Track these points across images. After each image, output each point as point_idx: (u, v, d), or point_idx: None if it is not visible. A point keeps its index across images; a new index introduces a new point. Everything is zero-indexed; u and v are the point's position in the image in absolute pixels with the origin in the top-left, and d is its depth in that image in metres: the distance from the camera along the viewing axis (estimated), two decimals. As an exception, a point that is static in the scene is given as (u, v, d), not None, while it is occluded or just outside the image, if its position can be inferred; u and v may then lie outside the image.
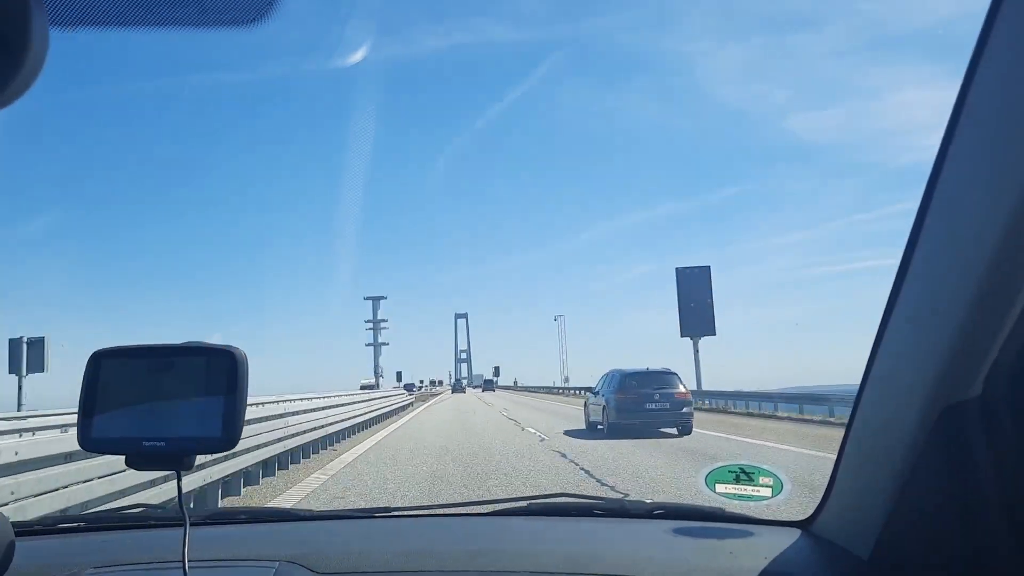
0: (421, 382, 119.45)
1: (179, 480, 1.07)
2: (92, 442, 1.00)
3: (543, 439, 16.61)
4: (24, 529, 1.63)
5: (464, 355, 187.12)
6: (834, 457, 1.37)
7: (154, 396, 1.01)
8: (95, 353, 1.03)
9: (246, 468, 9.64)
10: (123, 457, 1.01)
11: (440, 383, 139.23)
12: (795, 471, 8.10)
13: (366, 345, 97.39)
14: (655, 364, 18.09)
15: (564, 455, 12.84)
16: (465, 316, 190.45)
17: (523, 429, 20.11)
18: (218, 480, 8.45)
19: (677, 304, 43.93)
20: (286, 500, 8.86)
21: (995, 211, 0.89)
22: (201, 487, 7.87)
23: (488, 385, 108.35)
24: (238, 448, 6.65)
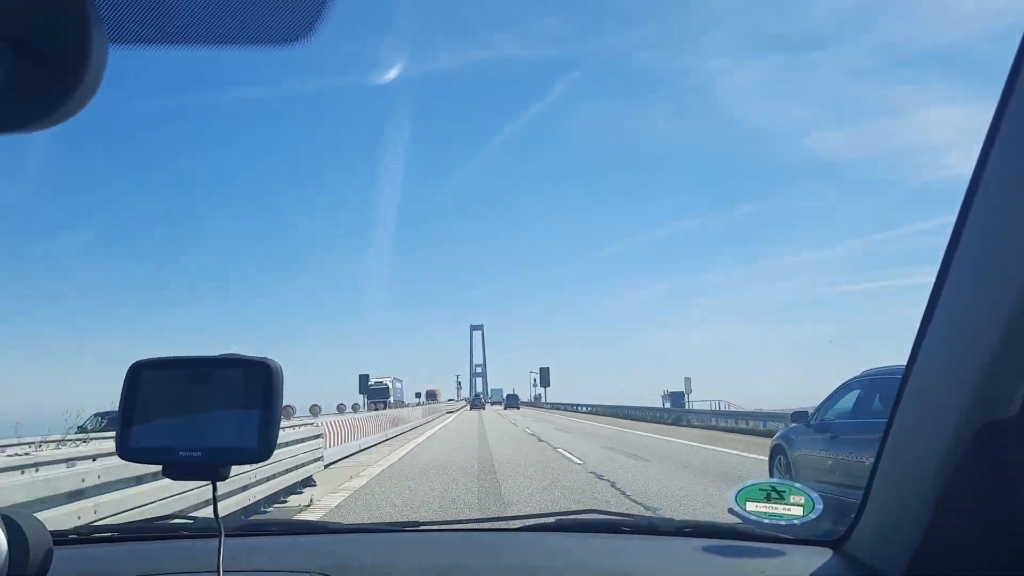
0: (417, 395, 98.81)
1: (214, 491, 1.08)
2: (130, 452, 1.02)
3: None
4: (61, 538, 1.65)
5: (479, 369, 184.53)
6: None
7: (191, 407, 1.03)
8: (134, 364, 1.05)
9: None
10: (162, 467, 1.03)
11: (431, 397, 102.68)
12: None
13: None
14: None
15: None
16: (481, 328, 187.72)
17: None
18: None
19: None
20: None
21: None
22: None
23: (511, 401, 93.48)
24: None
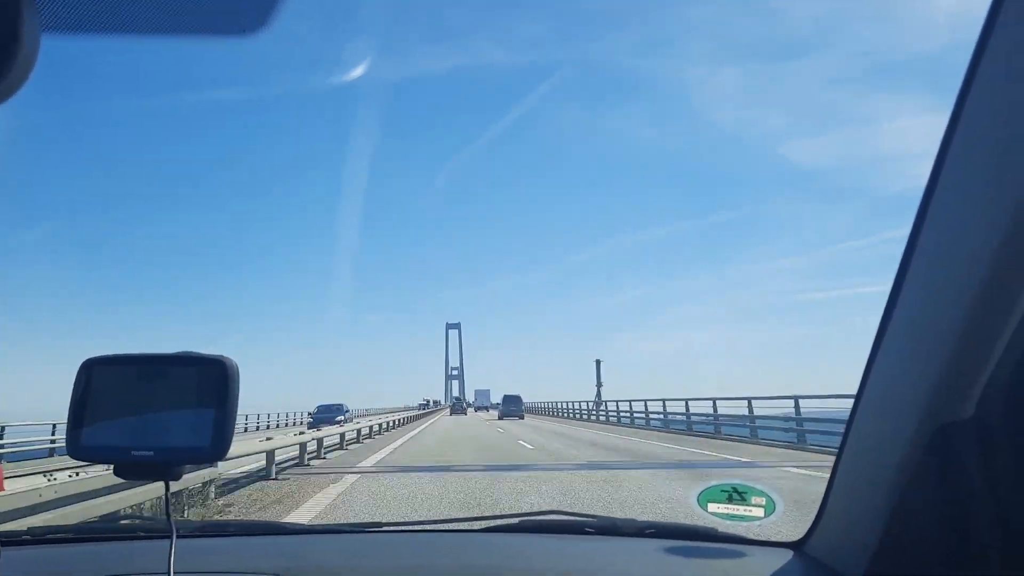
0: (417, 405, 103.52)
1: (167, 491, 1.06)
2: (81, 450, 1.00)
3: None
4: (11, 539, 1.61)
5: (456, 372, 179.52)
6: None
7: (145, 405, 1.01)
8: (87, 361, 1.02)
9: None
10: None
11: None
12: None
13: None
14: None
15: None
16: (458, 327, 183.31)
17: None
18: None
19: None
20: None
21: (988, 232, 0.90)
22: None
23: (511, 406, 53.83)
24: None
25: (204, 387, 1.00)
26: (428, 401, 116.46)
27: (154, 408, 1.01)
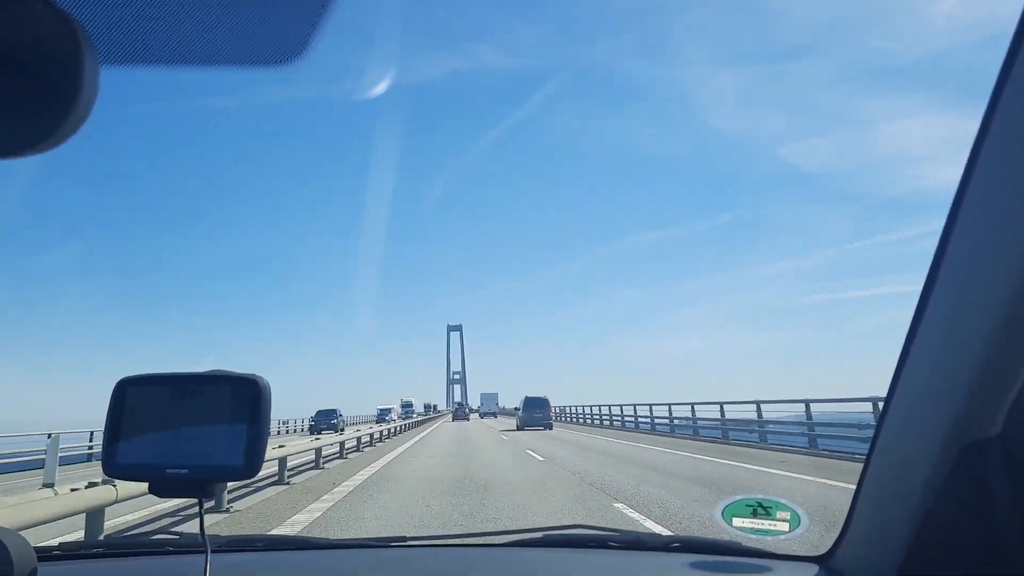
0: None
1: (200, 508, 1.07)
2: (116, 468, 1.01)
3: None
4: (45, 555, 1.63)
5: (457, 376, 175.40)
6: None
7: (178, 424, 1.02)
8: (121, 381, 1.04)
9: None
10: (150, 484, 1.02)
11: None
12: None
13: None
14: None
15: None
16: (459, 329, 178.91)
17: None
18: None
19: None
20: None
21: (1017, 247, 0.89)
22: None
23: (534, 411, 40.21)
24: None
25: (237, 405, 1.01)
26: (410, 404, 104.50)
27: (188, 426, 1.02)
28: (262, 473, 11.92)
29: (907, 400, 1.18)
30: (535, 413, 39.78)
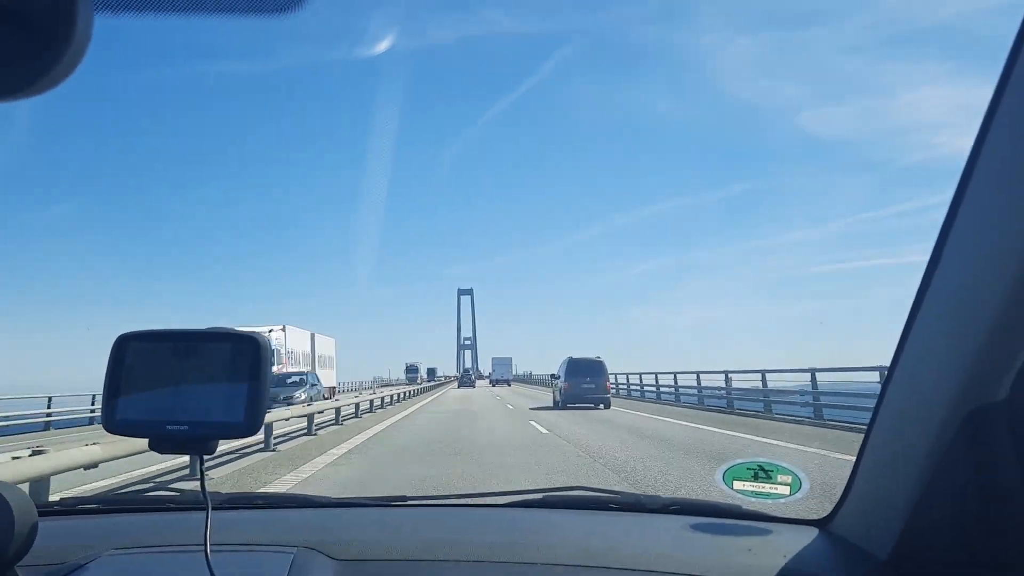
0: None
1: (201, 464, 1.07)
2: (116, 424, 1.01)
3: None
4: (45, 509, 1.65)
5: (468, 341, 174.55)
6: None
7: (178, 380, 1.01)
8: (121, 336, 1.03)
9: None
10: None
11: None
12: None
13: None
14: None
15: None
16: (470, 292, 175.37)
17: None
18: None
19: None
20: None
21: None
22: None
23: (582, 379, 25.07)
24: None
25: (238, 363, 1.00)
26: (415, 368, 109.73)
27: (188, 383, 1.01)
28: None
29: (912, 364, 1.17)
30: (584, 383, 25.76)
